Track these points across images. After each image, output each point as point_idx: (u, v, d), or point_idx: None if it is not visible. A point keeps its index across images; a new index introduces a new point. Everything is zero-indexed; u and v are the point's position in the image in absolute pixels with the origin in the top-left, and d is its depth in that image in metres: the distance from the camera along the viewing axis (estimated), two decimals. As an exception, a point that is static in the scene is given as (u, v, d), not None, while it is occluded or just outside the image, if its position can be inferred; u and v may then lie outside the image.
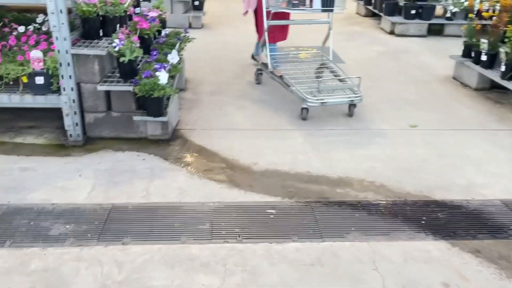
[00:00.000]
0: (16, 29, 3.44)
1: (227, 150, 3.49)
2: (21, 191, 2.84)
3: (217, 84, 4.91)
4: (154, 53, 3.85)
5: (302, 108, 3.98)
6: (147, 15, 4.22)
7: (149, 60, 3.73)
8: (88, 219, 2.60)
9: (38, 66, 3.17)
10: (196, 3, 7.41)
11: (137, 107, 3.53)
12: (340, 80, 4.34)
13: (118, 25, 3.60)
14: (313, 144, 3.63)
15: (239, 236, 2.51)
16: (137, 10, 4.44)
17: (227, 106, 4.33)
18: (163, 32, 4.42)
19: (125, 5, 3.61)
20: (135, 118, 3.46)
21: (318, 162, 3.34)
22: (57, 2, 3.07)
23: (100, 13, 3.44)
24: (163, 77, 3.38)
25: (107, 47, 3.31)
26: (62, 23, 3.13)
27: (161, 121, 3.47)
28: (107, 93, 3.45)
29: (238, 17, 5.85)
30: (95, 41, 3.45)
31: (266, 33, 4.41)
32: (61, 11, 3.10)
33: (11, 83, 3.25)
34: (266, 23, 4.37)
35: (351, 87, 4.14)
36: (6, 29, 3.44)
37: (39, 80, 3.23)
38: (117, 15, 3.52)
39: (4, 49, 3.23)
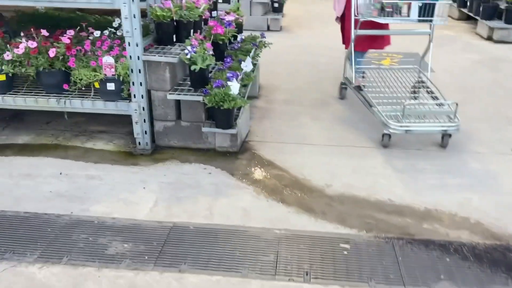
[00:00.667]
0: (92, 33, 3.41)
1: (298, 167, 3.20)
2: (85, 201, 2.77)
3: (291, 92, 4.64)
4: (228, 60, 3.66)
5: (384, 134, 3.43)
6: (223, 19, 4.06)
7: (221, 68, 3.54)
8: (147, 239, 2.45)
9: (109, 72, 3.10)
10: (276, 5, 7.18)
11: (207, 117, 3.36)
12: (434, 100, 3.68)
13: (192, 30, 3.45)
14: (396, 166, 3.23)
15: (306, 274, 2.21)
16: (214, 13, 4.29)
17: (301, 117, 4.04)
18: (239, 37, 4.23)
19: (201, 10, 3.46)
20: (204, 129, 3.29)
21: (401, 189, 2.94)
22: (131, 6, 2.97)
23: (175, 18, 3.31)
24: (234, 87, 3.17)
25: (179, 54, 3.17)
26: (135, 29, 3.03)
27: (230, 133, 3.27)
28: (177, 102, 3.32)
29: (318, 19, 5.54)
30: (168, 47, 3.32)
31: (352, 44, 3.91)
32: (134, 16, 3.00)
33: (83, 88, 3.22)
34: (353, 33, 3.85)
35: (447, 113, 3.47)
36: (83, 34, 3.43)
37: (110, 86, 3.16)
38: (191, 20, 3.38)
39: (79, 54, 3.20)
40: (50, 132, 3.65)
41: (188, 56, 3.12)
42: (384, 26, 3.90)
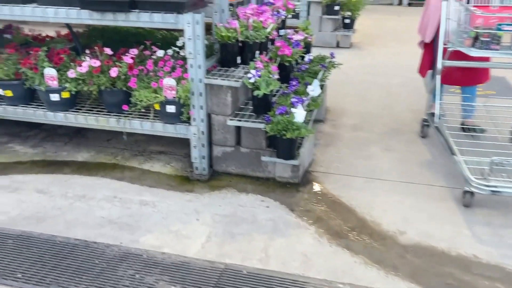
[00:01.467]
0: (155, 52, 3.31)
1: (367, 206, 2.87)
2: (135, 230, 2.63)
3: (361, 116, 4.30)
4: (294, 83, 3.41)
5: (465, 191, 2.83)
6: (291, 39, 3.83)
7: (286, 92, 3.30)
8: (196, 281, 2.24)
9: (170, 94, 2.97)
10: (347, 21, 6.85)
11: (268, 144, 3.13)
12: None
13: (257, 51, 3.25)
14: (483, 214, 2.80)
15: None
16: (281, 32, 4.08)
17: (370, 146, 3.70)
18: (307, 57, 3.98)
19: (268, 30, 3.25)
20: (263, 158, 3.06)
21: (489, 244, 2.52)
22: (195, 28, 2.83)
23: (240, 39, 3.12)
24: (299, 114, 2.91)
25: (242, 77, 2.97)
26: (198, 50, 2.88)
27: (291, 164, 3.01)
28: (238, 127, 3.12)
29: (391, 36, 5.16)
30: (231, 69, 3.14)
31: (438, 76, 3.41)
32: (198, 37, 2.85)
33: (143, 110, 3.12)
34: (440, 63, 3.36)
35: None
36: (147, 52, 3.34)
37: (170, 108, 3.03)
38: (257, 41, 3.18)
39: (141, 74, 3.11)
40: (110, 150, 3.60)
41: (252, 81, 2.92)
42: (482, 58, 3.33)
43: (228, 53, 3.16)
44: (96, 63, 3.02)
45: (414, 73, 4.17)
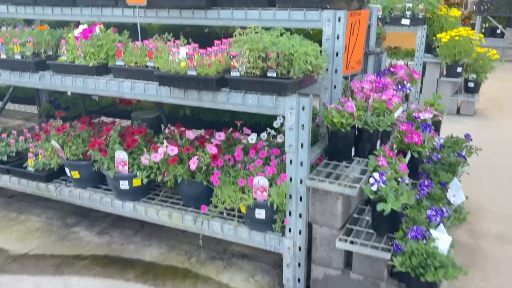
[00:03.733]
0: (247, 135, 2.65)
1: None
2: None
3: (507, 220, 3.23)
4: (425, 182, 2.53)
5: None
6: (417, 118, 2.97)
7: (417, 196, 2.43)
8: None
9: (261, 196, 2.26)
10: (471, 84, 5.81)
11: (390, 272, 2.25)
12: None
13: (378, 141, 2.45)
14: None
15: None
16: (403, 106, 3.23)
17: (532, 273, 2.63)
18: (437, 141, 3.08)
19: (395, 114, 2.44)
20: (386, 300, 2.18)
21: None
22: (299, 115, 2.12)
23: (358, 126, 2.36)
24: (443, 241, 2.02)
25: (359, 180, 2.18)
26: (302, 144, 2.16)
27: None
28: (348, 244, 2.29)
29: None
30: (343, 164, 2.37)
31: None
32: (303, 127, 2.13)
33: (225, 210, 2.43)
34: None
35: None
36: (236, 134, 2.70)
37: (260, 213, 2.31)
38: (380, 129, 2.38)
39: (226, 164, 2.45)
40: (184, 247, 2.95)
41: (374, 188, 2.10)
42: None
43: (339, 143, 2.40)
44: (174, 150, 2.42)
45: None
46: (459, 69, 5.65)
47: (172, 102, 2.43)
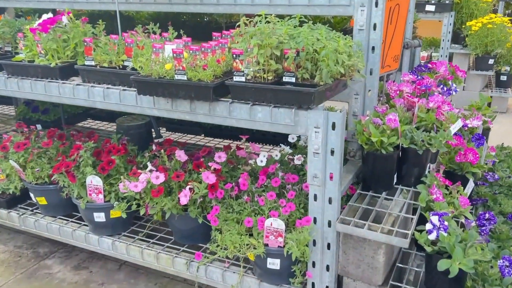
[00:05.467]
0: (257, 156, 2.07)
1: None
2: None
3: None
4: (485, 215, 1.94)
5: None
6: (465, 126, 2.38)
7: (479, 239, 1.84)
8: None
9: (274, 242, 1.69)
10: (503, 78, 5.18)
11: None
12: None
13: (429, 165, 1.87)
14: None
15: None
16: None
17: None
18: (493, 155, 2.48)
19: (452, 130, 1.84)
20: None
21: None
22: (328, 136, 1.54)
23: (403, 145, 1.77)
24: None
25: (406, 222, 1.60)
26: (332, 174, 1.58)
27: None
28: (390, 304, 1.72)
29: None
30: (383, 195, 1.79)
31: None
32: (332, 152, 1.55)
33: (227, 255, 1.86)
34: None
35: None
36: (242, 153, 2.12)
37: (272, 263, 1.74)
38: (433, 150, 1.79)
39: (227, 195, 1.87)
40: (178, 287, 2.40)
41: (432, 237, 1.52)
42: None
43: (378, 168, 1.81)
44: (159, 178, 1.84)
45: None
46: (490, 61, 5.01)
47: (158, 115, 1.85)
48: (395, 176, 1.85)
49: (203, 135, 3.40)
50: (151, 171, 1.89)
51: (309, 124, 1.55)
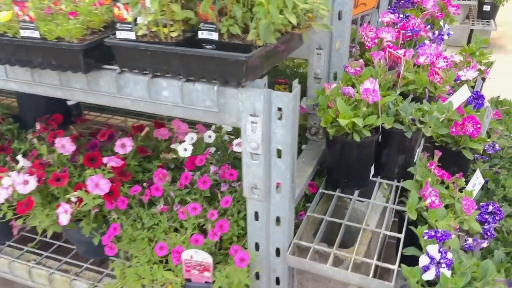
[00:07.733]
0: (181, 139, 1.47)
1: None
2: None
3: None
4: (488, 207, 1.46)
5: None
6: (457, 80, 1.84)
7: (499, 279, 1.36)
8: None
9: (199, 277, 1.15)
10: (486, 8, 4.60)
11: None
12: None
13: (418, 149, 1.32)
14: None
15: None
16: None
17: None
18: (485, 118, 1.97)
19: (456, 101, 1.28)
20: None
21: None
22: (272, 128, 0.95)
23: (385, 126, 1.21)
24: None
25: (390, 252, 1.08)
26: (278, 186, 1.02)
27: None
28: None
29: None
30: (355, 195, 1.26)
31: None
32: (279, 154, 0.98)
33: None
34: None
35: None
36: (162, 132, 1.51)
37: (201, 301, 1.21)
38: (427, 131, 1.23)
39: (135, 203, 1.30)
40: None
41: (429, 277, 1.01)
42: None
43: (349, 159, 1.26)
44: (29, 184, 1.23)
45: None
46: (473, -11, 4.40)
47: (17, 89, 1.20)
48: (372, 167, 1.31)
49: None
50: (19, 171, 1.27)
51: (242, 111, 0.95)
